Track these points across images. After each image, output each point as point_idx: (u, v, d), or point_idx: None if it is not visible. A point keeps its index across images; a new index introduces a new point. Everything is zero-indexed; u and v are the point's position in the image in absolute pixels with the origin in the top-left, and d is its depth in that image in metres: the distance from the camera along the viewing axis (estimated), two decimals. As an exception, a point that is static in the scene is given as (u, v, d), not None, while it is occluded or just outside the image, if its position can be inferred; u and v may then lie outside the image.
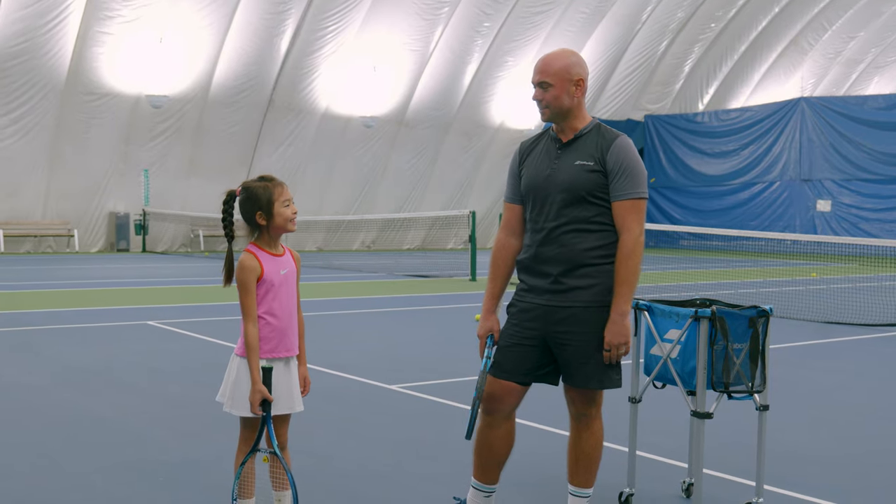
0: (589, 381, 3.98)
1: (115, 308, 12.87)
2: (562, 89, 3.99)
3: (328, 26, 27.47)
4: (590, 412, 4.06)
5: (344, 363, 8.36)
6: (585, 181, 3.95)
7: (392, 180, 31.96)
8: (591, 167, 3.95)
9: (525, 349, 4.03)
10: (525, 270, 4.11)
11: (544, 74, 4.00)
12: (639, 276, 3.93)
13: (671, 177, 37.17)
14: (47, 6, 23.41)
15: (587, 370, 3.96)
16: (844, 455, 5.58)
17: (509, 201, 4.24)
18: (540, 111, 4.07)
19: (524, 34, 31.33)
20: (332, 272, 20.76)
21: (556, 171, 4.01)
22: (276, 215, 3.85)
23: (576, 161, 3.99)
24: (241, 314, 3.80)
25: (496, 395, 4.06)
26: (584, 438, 4.07)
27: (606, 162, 3.94)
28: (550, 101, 4.00)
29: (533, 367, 4.05)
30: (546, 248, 4.00)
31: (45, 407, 6.55)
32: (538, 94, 4.03)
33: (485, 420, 4.12)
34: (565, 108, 4.02)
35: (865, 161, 32.18)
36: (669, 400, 5.32)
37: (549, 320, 3.98)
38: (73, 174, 26.14)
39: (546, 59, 4.04)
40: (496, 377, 4.06)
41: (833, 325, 12.13)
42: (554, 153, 4.08)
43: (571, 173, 3.97)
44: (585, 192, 3.95)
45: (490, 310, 4.18)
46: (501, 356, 4.08)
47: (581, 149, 4.01)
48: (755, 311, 4.24)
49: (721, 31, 36.40)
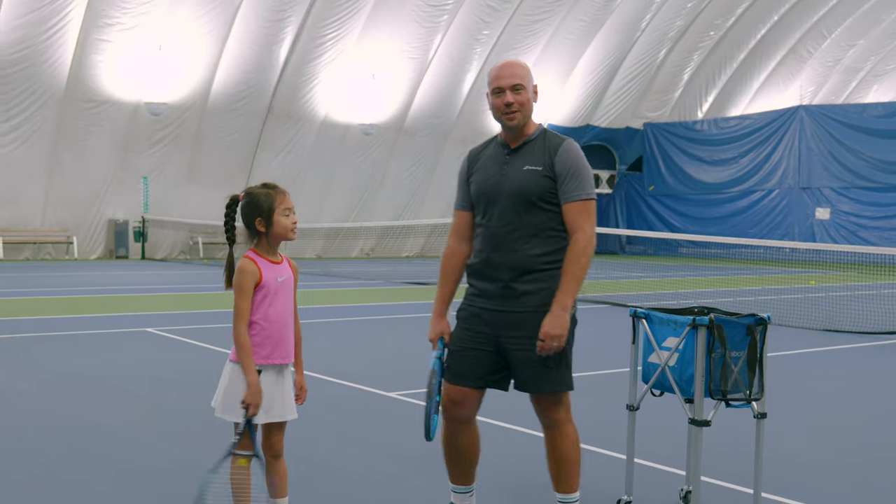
0: (542, 386, 4.00)
1: (113, 315, 12.86)
2: (529, 93, 4.06)
3: (327, 34, 27.51)
4: (560, 417, 4.06)
5: (343, 370, 8.35)
6: (535, 186, 3.98)
7: (391, 188, 31.98)
8: (540, 172, 3.99)
9: (479, 353, 4.07)
10: (475, 275, 4.14)
11: (515, 78, 4.03)
12: (586, 276, 3.96)
13: (670, 184, 37.22)
14: (47, 14, 23.44)
15: (539, 374, 3.98)
16: (843, 463, 5.58)
17: (459, 208, 4.28)
18: (506, 118, 4.05)
19: (523, 42, 31.38)
20: (331, 279, 20.76)
21: (506, 177, 4.04)
22: (276, 223, 3.86)
23: (525, 166, 4.02)
24: (233, 315, 3.80)
25: (456, 401, 4.11)
26: (560, 443, 4.08)
27: (555, 166, 3.98)
28: (524, 102, 4.04)
29: (487, 372, 4.08)
30: (497, 253, 4.03)
31: (43, 414, 6.54)
32: (511, 97, 4.01)
33: (449, 428, 4.17)
34: (529, 113, 4.08)
35: (864, 169, 32.22)
36: (667, 408, 5.32)
37: (500, 325, 4.02)
38: (72, 181, 26.14)
39: (508, 65, 4.08)
40: (453, 383, 4.11)
41: (832, 332, 12.13)
42: (502, 158, 4.11)
43: (520, 178, 4.01)
44: (535, 196, 3.98)
45: (440, 313, 4.23)
46: (456, 361, 4.12)
47: (529, 154, 4.05)
48: (753, 319, 4.25)
49: (720, 39, 36.46)
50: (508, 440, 5.90)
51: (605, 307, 15.06)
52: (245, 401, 3.74)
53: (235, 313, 3.79)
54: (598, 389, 7.43)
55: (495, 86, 4.06)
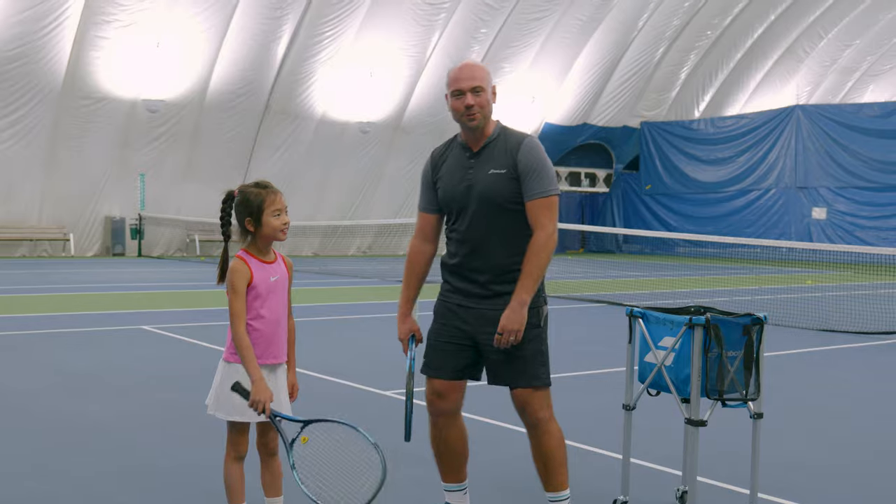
0: (517, 380, 4.03)
1: (109, 312, 12.85)
2: (488, 94, 4.08)
3: (325, 32, 27.49)
4: (542, 416, 4.06)
5: (338, 369, 8.34)
6: (502, 189, 4.01)
7: (388, 186, 31.97)
8: (505, 175, 4.01)
9: (456, 347, 4.13)
10: (452, 274, 4.18)
11: (474, 80, 4.06)
12: (544, 273, 3.97)
13: (667, 183, 37.24)
14: (44, 10, 23.40)
15: (514, 369, 4.02)
16: (839, 463, 5.58)
17: (424, 211, 4.30)
18: (466, 120, 4.06)
19: (521, 40, 31.38)
20: (328, 277, 20.75)
21: (473, 182, 4.06)
22: (265, 224, 3.82)
23: (490, 170, 4.04)
24: (230, 317, 3.78)
25: (441, 392, 4.16)
26: (545, 442, 4.09)
27: (517, 165, 4.00)
28: (484, 104, 4.05)
29: (466, 365, 4.14)
30: (472, 258, 4.08)
31: (40, 411, 6.53)
32: (470, 100, 4.03)
33: (438, 424, 4.21)
34: (489, 113, 4.09)
35: (861, 169, 32.27)
36: (664, 407, 5.31)
37: (477, 321, 4.06)
38: (69, 178, 26.12)
39: (467, 67, 4.11)
40: (435, 377, 4.17)
41: (828, 332, 12.14)
42: (466, 163, 4.12)
43: (488, 183, 4.03)
44: (504, 200, 4.01)
45: (406, 313, 4.34)
46: (435, 355, 4.19)
47: (492, 157, 4.06)
48: (749, 319, 4.24)
49: (717, 38, 36.48)
50: (500, 438, 5.89)
51: (601, 306, 15.06)
52: (255, 399, 3.67)
53: (232, 315, 3.78)
54: (594, 389, 7.43)
55: (454, 88, 4.08)
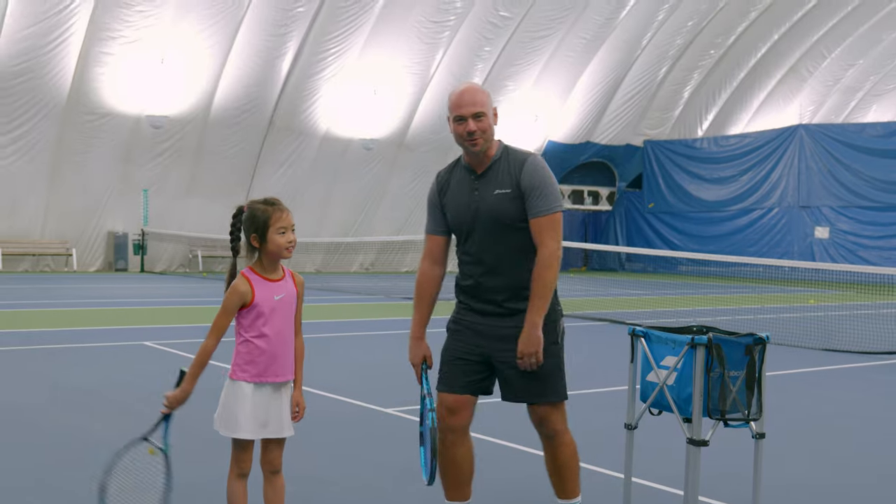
0: (539, 397, 4.12)
1: (112, 328, 12.85)
2: (490, 118, 4.10)
3: (329, 49, 27.60)
4: (558, 428, 4.18)
5: (341, 386, 8.34)
6: (508, 209, 4.07)
7: (391, 203, 32.01)
8: (510, 195, 4.07)
9: (470, 364, 4.19)
10: (466, 294, 4.25)
11: (476, 105, 4.07)
12: (552, 292, 4.03)
13: (670, 202, 37.26)
14: (50, 26, 23.53)
15: (533, 386, 4.11)
16: (842, 484, 5.56)
17: (432, 233, 4.34)
18: (469, 144, 4.10)
19: (524, 59, 31.49)
20: (331, 294, 20.75)
21: (480, 204, 4.12)
22: (270, 241, 3.83)
23: (495, 191, 4.10)
24: (210, 327, 3.79)
25: (452, 408, 4.19)
26: (560, 453, 4.22)
27: (521, 184, 4.05)
28: (486, 129, 4.08)
29: (480, 379, 4.20)
30: (487, 278, 4.14)
31: (41, 427, 6.52)
32: (472, 126, 4.06)
33: (446, 440, 4.22)
34: (491, 136, 4.13)
35: (864, 188, 32.28)
36: (665, 427, 5.30)
37: (493, 338, 4.13)
38: (72, 193, 26.18)
39: (469, 92, 4.11)
40: (449, 392, 4.20)
41: (831, 352, 12.11)
42: (471, 185, 4.18)
43: (494, 204, 4.09)
44: (510, 220, 4.07)
45: (420, 336, 4.36)
46: (449, 371, 4.24)
47: (496, 178, 4.12)
48: (752, 339, 4.24)
49: (720, 57, 36.58)
50: (504, 457, 5.88)
51: (603, 325, 15.05)
52: (168, 397, 3.78)
53: (212, 326, 3.81)
54: (596, 408, 7.41)
55: (456, 114, 4.10)
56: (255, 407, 3.83)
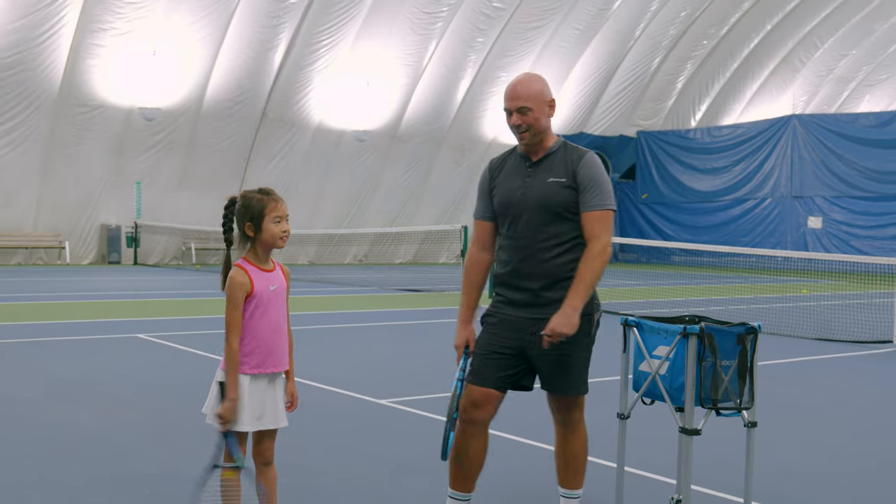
0: (569, 389, 4.19)
1: (105, 321, 12.84)
2: (540, 112, 4.12)
3: (322, 40, 27.55)
4: (575, 417, 4.26)
5: (334, 377, 8.34)
6: (559, 197, 4.09)
7: (384, 194, 32.00)
8: (563, 183, 4.09)
9: (504, 357, 4.17)
10: (503, 285, 4.24)
11: (522, 99, 4.10)
12: (597, 282, 4.05)
13: (663, 192, 37.30)
14: (41, 18, 23.43)
15: (567, 379, 4.16)
16: (835, 472, 5.59)
17: (481, 218, 4.36)
18: (518, 136, 4.17)
19: (517, 49, 31.46)
20: (324, 286, 20.74)
21: (530, 189, 4.14)
22: (265, 230, 3.83)
23: (548, 178, 4.12)
24: (225, 328, 3.78)
25: (478, 402, 4.17)
26: (571, 442, 4.28)
27: (577, 176, 4.08)
28: (532, 123, 4.11)
29: (511, 375, 4.19)
30: (525, 263, 4.14)
31: (34, 420, 6.52)
32: (517, 119, 4.11)
33: (465, 430, 4.21)
34: (542, 130, 4.15)
35: (856, 178, 32.35)
36: (658, 416, 5.32)
37: (528, 331, 4.11)
38: (65, 186, 26.11)
39: (520, 85, 4.13)
40: (477, 384, 4.18)
41: (823, 341, 12.15)
42: (525, 171, 4.20)
43: (545, 190, 4.10)
44: (561, 207, 4.09)
45: (467, 320, 4.31)
46: (480, 364, 4.21)
47: (551, 166, 4.15)
48: (743, 328, 4.25)
49: (713, 48, 36.60)
50: (506, 450, 5.89)
51: (597, 315, 15.05)
52: (221, 414, 3.73)
53: (227, 326, 3.78)
54: (588, 397, 7.42)
55: (505, 106, 4.17)
56: (252, 399, 3.82)
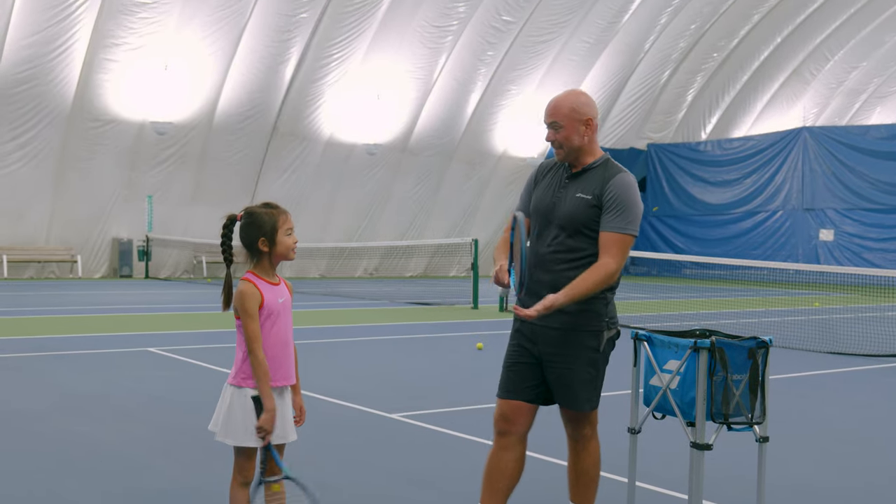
0: (573, 404, 4.17)
1: (116, 334, 12.87)
2: (572, 129, 4.14)
3: (333, 54, 27.65)
4: (585, 433, 4.24)
5: (344, 391, 8.33)
6: (582, 214, 4.10)
7: (395, 208, 32.03)
8: (589, 201, 4.10)
9: (525, 367, 4.20)
10: (526, 289, 4.20)
11: (554, 115, 4.16)
12: (587, 295, 4.00)
13: (674, 205, 37.23)
14: (54, 33, 23.59)
15: (570, 393, 4.15)
16: (847, 487, 5.55)
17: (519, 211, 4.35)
18: (555, 151, 4.23)
19: (527, 63, 31.51)
20: (335, 299, 20.76)
21: (559, 202, 4.18)
22: (279, 243, 3.87)
23: (577, 193, 4.14)
24: (247, 341, 3.77)
25: (508, 416, 4.19)
26: (583, 458, 4.27)
27: (603, 195, 4.09)
28: (563, 140, 4.16)
29: (536, 384, 4.19)
30: (539, 270, 4.18)
31: (44, 433, 6.53)
32: (550, 135, 4.18)
33: (499, 443, 4.22)
34: (576, 147, 4.17)
35: (868, 191, 32.23)
36: (669, 431, 5.30)
37: (539, 341, 4.15)
38: (77, 200, 26.23)
39: (556, 101, 4.19)
40: (505, 397, 4.21)
41: (836, 355, 12.09)
42: (562, 182, 4.24)
43: (571, 205, 4.13)
44: (581, 224, 4.11)
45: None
46: (506, 376, 4.25)
47: (585, 182, 4.17)
48: (754, 342, 4.23)
49: (723, 60, 36.57)
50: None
51: (608, 328, 15.01)
52: (262, 426, 3.74)
53: (249, 339, 3.77)
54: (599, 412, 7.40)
55: (544, 120, 4.23)
56: (262, 414, 3.83)
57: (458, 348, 12.14)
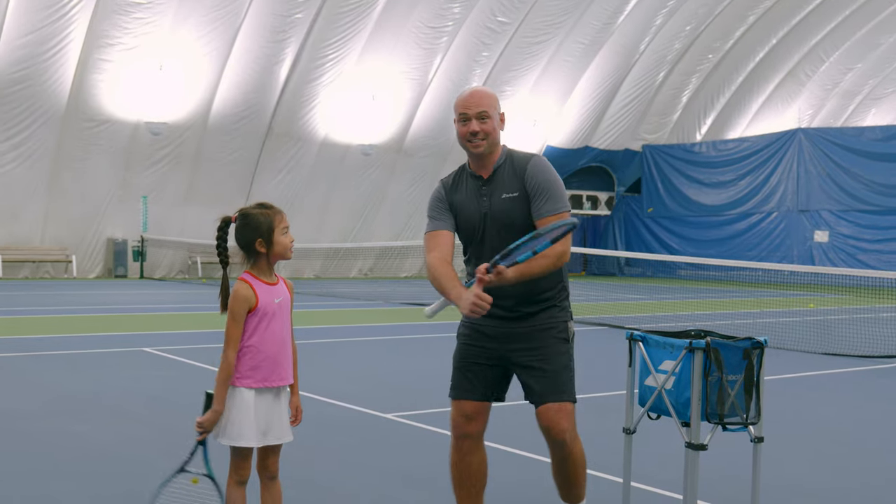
0: (550, 394, 4.06)
1: (111, 335, 12.85)
2: (495, 121, 4.09)
3: (328, 55, 27.63)
4: (565, 436, 4.09)
5: (339, 391, 8.33)
6: (516, 212, 4.06)
7: (390, 208, 32.02)
8: (517, 198, 4.06)
9: (483, 367, 4.18)
10: None
11: (481, 106, 4.06)
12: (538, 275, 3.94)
13: (669, 206, 37.28)
14: (49, 33, 23.55)
15: (552, 383, 4.07)
16: (841, 488, 5.56)
17: (440, 228, 4.20)
18: (474, 145, 4.09)
19: (522, 64, 31.52)
20: (330, 300, 20.74)
21: (489, 209, 4.10)
22: (276, 243, 3.87)
23: (502, 195, 4.08)
24: (224, 341, 3.80)
25: (469, 414, 4.18)
26: (568, 464, 4.20)
27: (526, 186, 4.04)
28: (490, 131, 4.07)
29: (493, 384, 4.19)
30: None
31: (39, 434, 6.51)
32: (476, 126, 4.05)
33: (463, 447, 4.20)
34: (496, 141, 4.12)
35: (863, 192, 32.30)
36: (664, 431, 5.30)
37: (506, 339, 4.13)
38: (71, 200, 26.18)
39: (478, 92, 4.11)
40: (464, 398, 4.18)
41: (830, 356, 12.11)
42: (479, 191, 4.15)
43: (503, 208, 4.07)
44: (520, 222, 4.05)
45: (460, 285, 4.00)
46: (463, 377, 4.22)
47: (502, 182, 4.10)
48: (749, 343, 4.24)
49: (718, 62, 36.62)
50: (506, 462, 5.87)
51: (602, 329, 15.05)
52: (201, 422, 3.77)
53: (226, 338, 3.80)
54: (594, 412, 7.41)
55: (461, 112, 4.09)
56: (258, 414, 3.83)
57: (452, 348, 12.11)
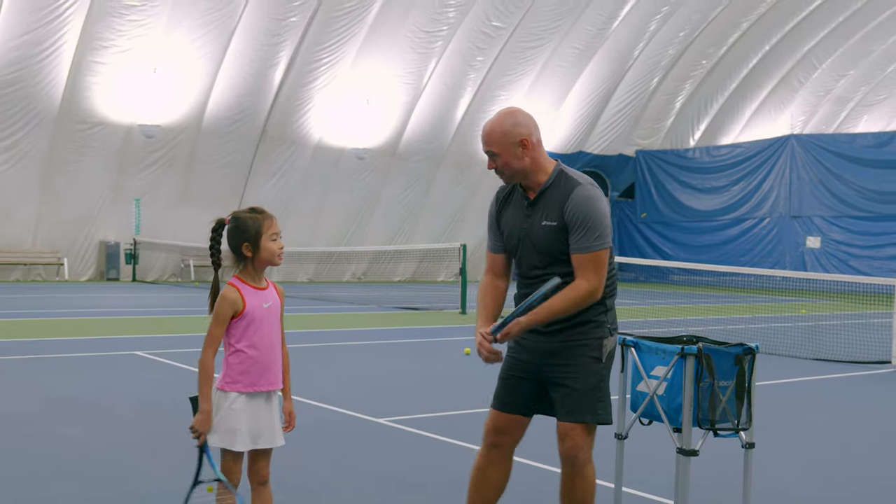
0: (573, 412, 3.98)
1: (103, 338, 12.82)
2: (508, 155, 4.00)
3: (322, 58, 27.64)
4: (581, 456, 4.00)
5: (332, 396, 8.32)
6: (554, 242, 4.00)
7: (383, 212, 32.02)
8: (555, 227, 3.99)
9: (520, 381, 4.13)
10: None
11: (488, 144, 4.05)
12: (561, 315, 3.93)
13: (662, 212, 37.36)
14: (42, 35, 23.52)
15: (570, 401, 3.99)
16: (832, 495, 5.57)
17: (493, 251, 4.31)
18: (499, 176, 4.13)
19: (517, 69, 31.57)
20: (323, 304, 20.73)
21: (530, 231, 4.07)
22: (263, 248, 3.85)
23: (543, 221, 4.03)
24: (205, 340, 3.79)
25: (502, 428, 4.14)
26: (578, 485, 4.05)
27: (565, 215, 3.98)
28: (502, 167, 4.05)
29: (531, 397, 4.12)
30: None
31: (31, 437, 6.50)
32: (490, 164, 4.08)
33: (489, 455, 4.16)
34: (518, 171, 4.05)
35: (855, 198, 32.41)
36: (655, 437, 5.31)
37: (538, 353, 4.08)
38: (64, 202, 26.13)
39: (488, 128, 4.06)
40: (499, 409, 4.15)
41: (822, 362, 12.14)
42: (525, 210, 4.12)
43: (541, 235, 4.03)
44: (557, 251, 4.01)
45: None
46: (502, 387, 4.19)
47: (546, 206, 4.05)
48: (741, 349, 4.25)
49: (712, 68, 36.73)
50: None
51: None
52: (194, 427, 3.75)
53: (206, 338, 3.80)
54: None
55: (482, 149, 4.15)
56: (249, 418, 3.83)
57: (445, 353, 12.14)
